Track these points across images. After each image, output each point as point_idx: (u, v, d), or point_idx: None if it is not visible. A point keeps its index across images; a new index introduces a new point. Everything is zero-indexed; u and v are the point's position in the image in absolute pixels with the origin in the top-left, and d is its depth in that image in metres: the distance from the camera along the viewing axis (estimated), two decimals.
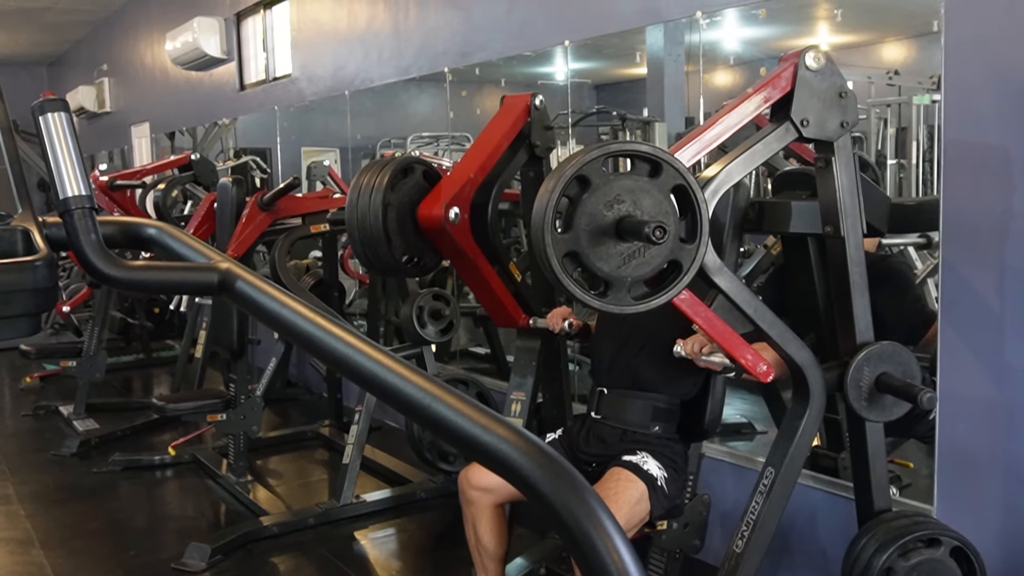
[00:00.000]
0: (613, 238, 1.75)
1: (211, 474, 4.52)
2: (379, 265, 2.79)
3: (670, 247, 1.79)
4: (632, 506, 2.36)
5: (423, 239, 2.78)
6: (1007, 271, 2.41)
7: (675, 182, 1.78)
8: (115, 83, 10.72)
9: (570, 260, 1.75)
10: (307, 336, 0.95)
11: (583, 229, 1.73)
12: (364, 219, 2.68)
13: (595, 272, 1.75)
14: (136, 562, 3.59)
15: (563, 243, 1.73)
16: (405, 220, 2.73)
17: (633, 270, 1.77)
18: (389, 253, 2.71)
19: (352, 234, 2.75)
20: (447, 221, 2.63)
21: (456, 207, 2.65)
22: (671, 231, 1.76)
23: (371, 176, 2.72)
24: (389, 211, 2.68)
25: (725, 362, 2.27)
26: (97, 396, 5.96)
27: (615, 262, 1.76)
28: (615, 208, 1.74)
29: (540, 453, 0.72)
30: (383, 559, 3.63)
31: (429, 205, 2.71)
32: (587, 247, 1.74)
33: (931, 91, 4.29)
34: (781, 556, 3.05)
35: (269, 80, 6.94)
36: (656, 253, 1.77)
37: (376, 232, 2.67)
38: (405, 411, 0.83)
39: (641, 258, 1.77)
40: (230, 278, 1.01)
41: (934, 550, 2.12)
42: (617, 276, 1.76)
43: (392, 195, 2.71)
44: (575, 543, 0.68)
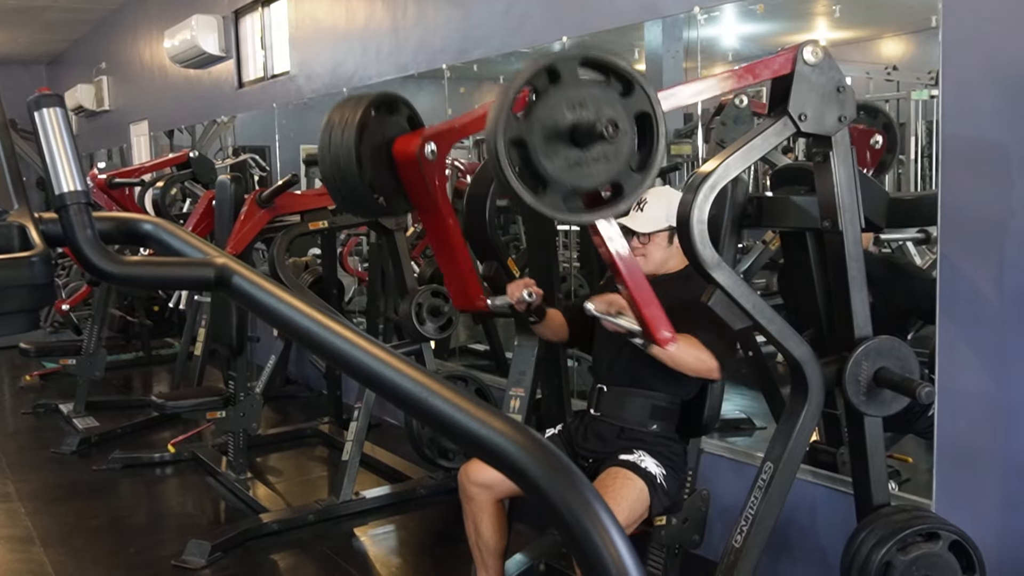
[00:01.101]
0: (566, 141, 1.71)
1: (211, 471, 4.53)
2: (349, 196, 2.60)
3: (618, 169, 1.75)
4: (631, 503, 2.36)
5: (395, 178, 2.65)
6: (1006, 266, 2.41)
7: (643, 108, 1.75)
8: (114, 81, 10.71)
9: (516, 150, 1.70)
10: (304, 331, 0.95)
11: (539, 121, 1.69)
12: (338, 144, 2.52)
13: (537, 168, 1.70)
14: (136, 559, 3.59)
15: (516, 127, 1.68)
16: (380, 152, 2.60)
17: (575, 178, 1.73)
18: (360, 181, 2.54)
19: (323, 158, 2.58)
20: (423, 155, 2.53)
21: (434, 143, 2.57)
22: (624, 139, 1.73)
23: (353, 104, 2.64)
24: (365, 140, 2.54)
25: (634, 327, 2.24)
26: (97, 394, 5.97)
27: (560, 164, 1.71)
28: (576, 111, 1.70)
29: (538, 447, 0.72)
30: (383, 556, 3.63)
31: (407, 139, 2.64)
32: (538, 140, 1.69)
33: (929, 87, 4.29)
34: (780, 551, 3.05)
35: (267, 78, 6.93)
36: (603, 169, 1.74)
37: (348, 158, 2.49)
38: (403, 406, 0.83)
39: (587, 168, 1.73)
40: (227, 273, 1.01)
41: (933, 544, 2.12)
42: (558, 179, 1.71)
43: (372, 122, 2.58)
44: (573, 538, 0.68)
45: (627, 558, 0.67)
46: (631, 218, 2.64)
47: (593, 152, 1.73)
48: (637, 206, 2.65)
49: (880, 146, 3.41)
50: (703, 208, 1.97)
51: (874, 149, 3.42)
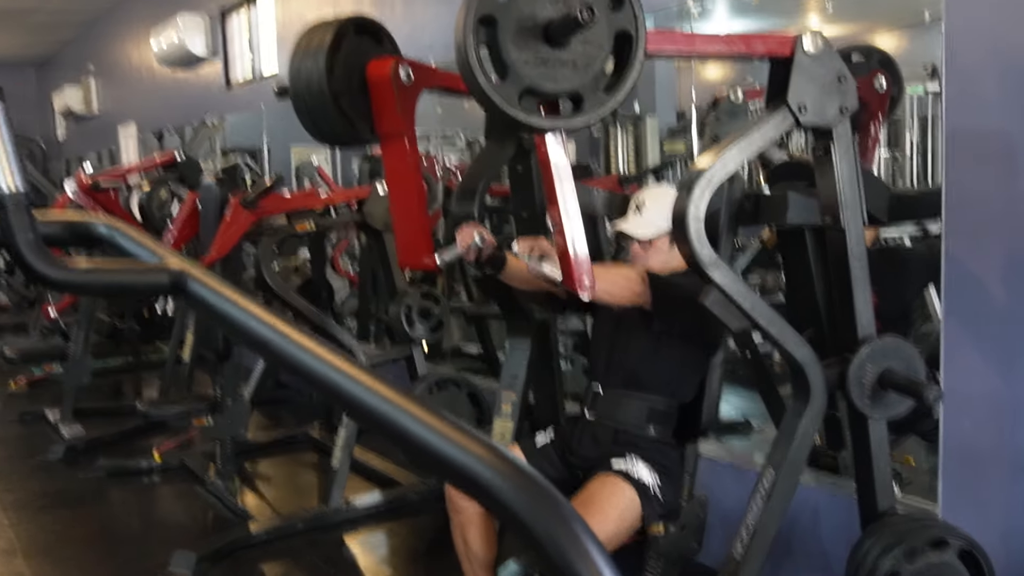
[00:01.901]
0: (539, 37, 1.62)
1: (198, 479, 4.43)
2: (314, 105, 2.49)
3: (583, 80, 1.66)
4: (620, 512, 2.27)
5: (366, 103, 2.55)
6: (1012, 261, 2.33)
7: (625, 27, 1.67)
8: (102, 83, 10.62)
9: (485, 30, 1.60)
10: (263, 341, 0.87)
11: (517, 5, 1.59)
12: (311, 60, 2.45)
13: (502, 53, 1.61)
14: (121, 571, 3.50)
15: (490, 4, 1.58)
16: (354, 72, 2.50)
17: (538, 77, 1.63)
18: (329, 95, 2.44)
19: (294, 68, 2.50)
20: (397, 78, 2.44)
21: (410, 69, 2.48)
22: (597, 50, 1.64)
23: (329, 23, 2.52)
24: (339, 55, 2.45)
25: (555, 275, 2.12)
26: (85, 400, 5.86)
27: (527, 56, 1.62)
28: (557, 6, 1.61)
29: (519, 474, 0.64)
30: (374, 565, 3.55)
31: (382, 61, 2.52)
32: (510, 23, 1.59)
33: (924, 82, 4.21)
34: (782, 557, 2.97)
35: (256, 79, 6.85)
36: (570, 75, 1.65)
37: (319, 71, 2.43)
38: (368, 424, 0.74)
39: (553, 70, 1.64)
40: (182, 279, 0.93)
41: (941, 552, 2.04)
42: (521, 71, 1.62)
43: (350, 41, 2.50)
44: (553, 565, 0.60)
45: None
46: (630, 223, 2.55)
47: (564, 55, 1.63)
48: (636, 210, 2.55)
49: (886, 87, 3.26)
50: (699, 205, 1.89)
51: (881, 93, 3.26)
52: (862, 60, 3.31)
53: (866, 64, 3.29)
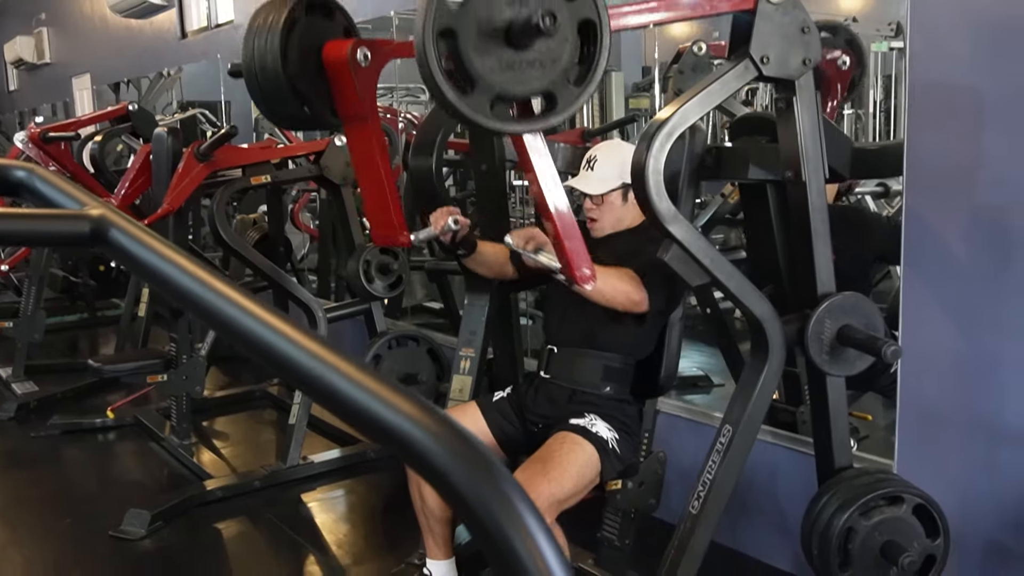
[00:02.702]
0: (501, 41, 1.56)
1: (154, 437, 4.36)
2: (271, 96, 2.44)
3: (552, 77, 1.61)
4: (580, 469, 2.25)
5: (324, 85, 2.48)
6: (974, 217, 2.32)
7: (587, 14, 1.61)
8: (54, 33, 10.28)
9: (446, 42, 1.55)
10: (188, 295, 0.81)
11: (474, 14, 1.54)
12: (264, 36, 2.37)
13: (466, 63, 1.55)
14: (73, 531, 3.43)
15: (447, 16, 1.52)
16: (309, 54, 2.42)
17: (506, 82, 1.58)
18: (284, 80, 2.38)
19: (247, 47, 2.42)
20: (354, 60, 2.36)
21: (367, 49, 2.40)
22: (563, 45, 1.59)
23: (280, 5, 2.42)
24: (293, 37, 2.38)
25: (553, 264, 2.11)
26: (38, 357, 5.75)
27: (491, 63, 1.56)
28: (516, 8, 1.55)
29: (452, 435, 0.59)
30: (331, 522, 3.52)
31: (339, 43, 2.45)
32: (470, 33, 1.54)
33: (889, 39, 4.19)
34: (739, 514, 2.98)
35: (211, 27, 6.66)
36: (537, 75, 1.59)
37: (273, 53, 2.35)
38: (294, 381, 0.69)
39: (520, 73, 1.58)
40: (104, 227, 0.86)
41: (896, 508, 2.05)
42: (487, 80, 1.56)
43: (304, 20, 2.41)
44: (491, 545, 0.56)
45: (557, 572, 0.55)
46: (581, 179, 2.50)
47: (529, 55, 1.58)
48: (587, 165, 2.50)
49: (848, 66, 3.26)
50: (659, 158, 1.85)
51: (842, 71, 3.26)
52: (829, 37, 3.31)
53: (832, 41, 3.29)
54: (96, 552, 3.24)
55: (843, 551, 2.02)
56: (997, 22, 2.24)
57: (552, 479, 2.18)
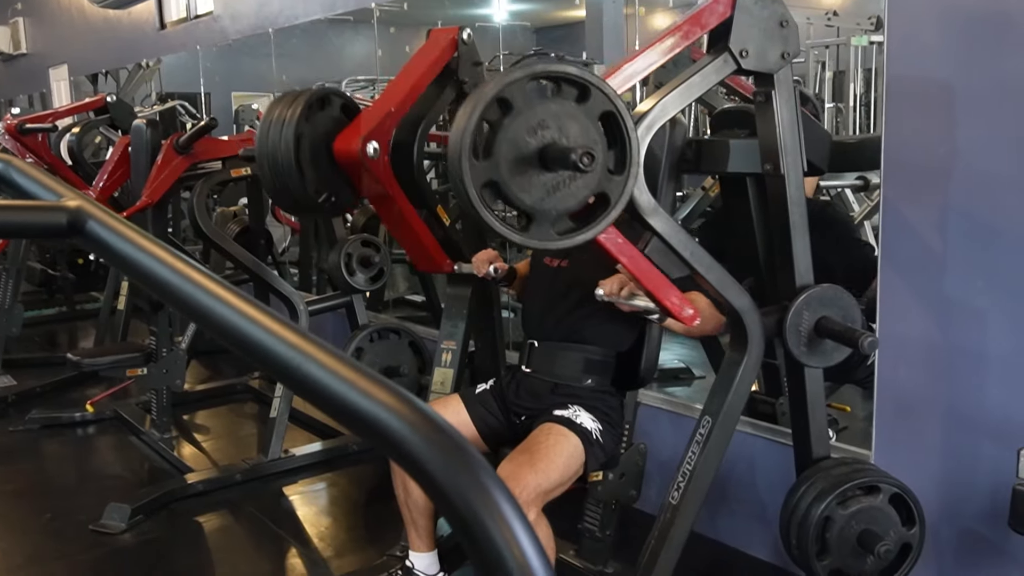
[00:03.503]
0: (537, 168, 1.62)
1: (134, 431, 4.34)
2: (291, 201, 2.61)
3: (597, 178, 1.66)
4: (565, 460, 2.26)
5: (339, 175, 2.61)
6: (950, 210, 2.34)
7: (604, 108, 1.66)
8: (31, 23, 10.17)
9: (490, 191, 1.61)
10: (166, 286, 0.81)
11: (504, 157, 1.59)
12: (275, 151, 2.49)
13: (517, 204, 1.62)
14: (52, 525, 3.41)
15: (482, 171, 1.59)
16: (320, 154, 2.55)
17: (558, 202, 1.64)
18: (302, 187, 2.52)
19: (262, 166, 2.55)
20: (365, 156, 2.46)
21: (375, 141, 2.48)
22: (599, 159, 1.64)
23: (284, 107, 2.54)
24: (303, 143, 2.50)
25: (650, 305, 2.15)
26: (17, 351, 5.70)
27: (538, 193, 1.62)
28: (539, 135, 1.61)
29: (427, 423, 0.59)
30: (312, 515, 3.51)
31: (346, 139, 2.54)
32: (508, 176, 1.60)
33: (869, 33, 4.22)
34: (719, 504, 3.00)
35: (190, 18, 6.61)
36: (583, 184, 1.65)
37: (287, 165, 2.47)
38: (273, 371, 0.70)
39: (566, 189, 1.64)
40: (81, 219, 0.86)
41: (873, 497, 2.07)
42: (540, 209, 1.63)
43: (306, 126, 2.53)
44: (468, 535, 0.56)
45: (534, 562, 0.55)
46: None
47: (565, 171, 1.62)
48: None
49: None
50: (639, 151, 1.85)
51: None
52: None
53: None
54: (76, 546, 3.22)
55: (821, 540, 2.04)
56: (975, 17, 2.26)
57: (538, 470, 2.19)
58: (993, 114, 2.25)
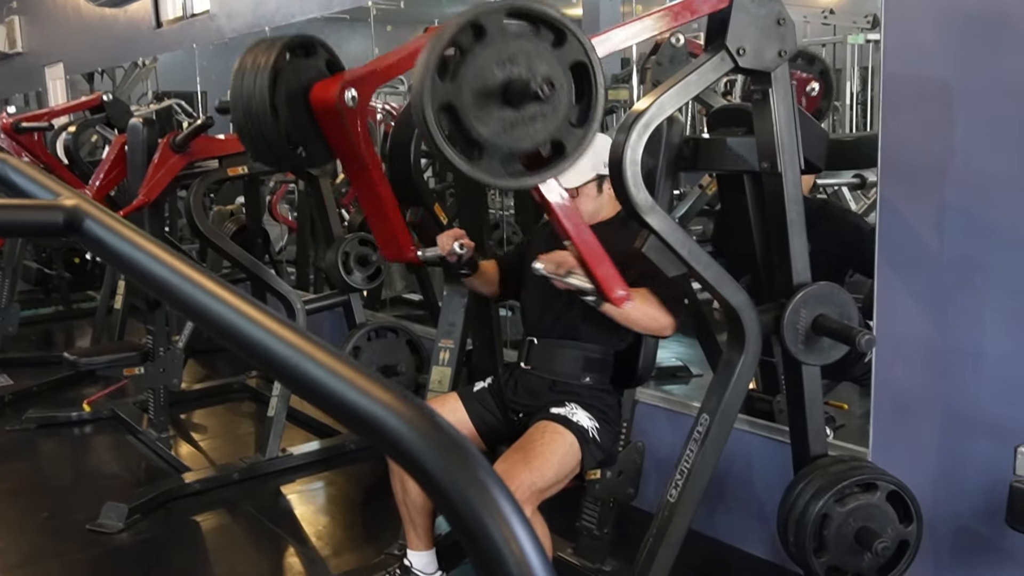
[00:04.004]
0: (498, 102, 1.59)
1: (131, 430, 4.34)
2: (264, 147, 2.49)
3: (557, 125, 1.64)
4: (561, 458, 2.26)
5: (314, 126, 2.51)
6: (947, 208, 2.34)
7: (577, 58, 1.64)
8: (26, 21, 10.15)
9: (447, 116, 1.58)
10: (164, 285, 0.80)
11: (468, 83, 1.57)
12: (250, 91, 2.39)
13: (471, 134, 1.59)
14: (49, 524, 3.41)
15: (443, 92, 1.56)
16: (297, 99, 2.44)
17: (512, 140, 1.62)
18: (275, 130, 2.41)
19: (235, 106, 2.45)
20: (342, 103, 2.38)
21: (355, 89, 2.41)
22: (561, 94, 1.62)
23: (266, 47, 2.45)
24: (279, 86, 2.40)
25: (585, 285, 2.14)
26: (13, 350, 5.70)
27: (495, 127, 1.60)
28: (507, 68, 1.58)
29: (425, 420, 0.59)
30: (310, 514, 3.51)
31: (325, 87, 2.46)
32: (468, 103, 1.57)
33: (865, 31, 4.22)
34: (716, 502, 3.01)
35: (187, 16, 6.60)
36: (541, 127, 1.63)
37: (261, 106, 2.39)
38: (270, 369, 0.69)
39: (524, 129, 1.62)
40: (78, 217, 0.86)
41: (870, 495, 2.07)
42: (494, 143, 1.60)
43: (287, 67, 2.43)
44: (467, 532, 0.56)
45: (533, 558, 0.55)
46: None
47: (529, 111, 1.61)
48: None
49: (816, 93, 3.35)
50: (636, 149, 1.86)
51: (810, 96, 3.36)
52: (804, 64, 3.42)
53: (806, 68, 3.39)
54: (73, 546, 3.22)
55: (818, 537, 2.04)
56: (971, 15, 2.27)
57: (533, 468, 2.19)
58: (990, 112, 2.25)
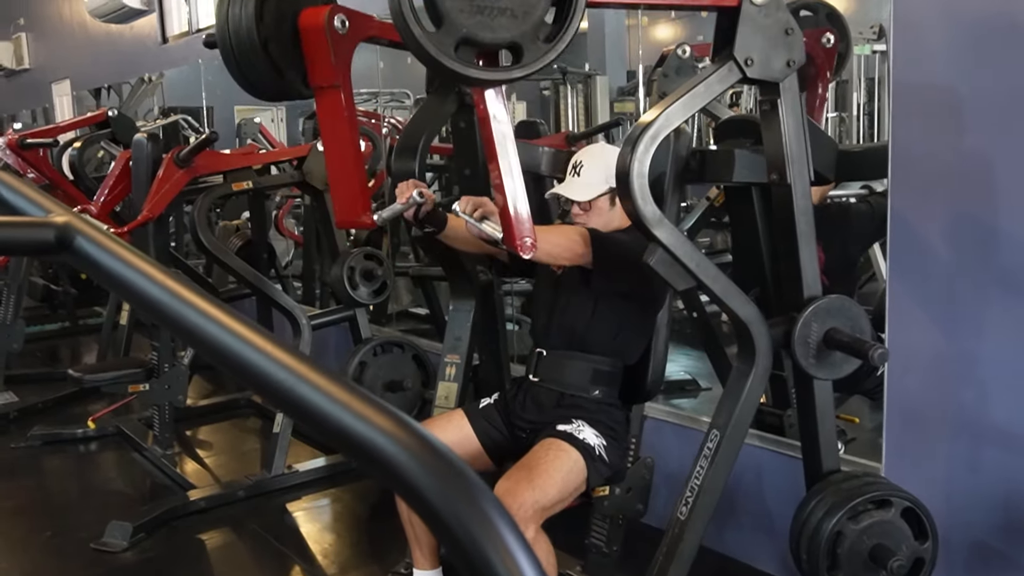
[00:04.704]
0: None
1: (136, 447, 4.31)
2: (242, 54, 2.36)
3: (522, 30, 1.60)
4: (565, 475, 2.22)
5: (298, 53, 2.41)
6: (958, 218, 2.31)
7: None
8: (33, 38, 10.19)
9: None
10: (156, 305, 0.78)
11: None
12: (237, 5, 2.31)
13: (436, 2, 1.55)
14: (53, 543, 3.38)
15: None
16: (285, 21, 2.36)
17: (475, 25, 1.57)
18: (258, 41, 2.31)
19: (220, 13, 2.36)
20: (331, 25, 2.31)
21: (345, 16, 2.36)
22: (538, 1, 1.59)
23: None
24: (267, 5, 2.32)
25: (496, 234, 2.08)
26: (18, 367, 5.68)
27: (461, 4, 1.56)
28: None
29: (426, 448, 0.57)
30: (316, 532, 3.48)
31: (315, 9, 2.39)
32: None
33: (872, 41, 4.19)
34: (727, 517, 2.97)
35: (192, 32, 6.61)
36: (505, 24, 1.59)
37: (248, 16, 2.30)
38: (264, 393, 0.67)
39: (488, 18, 1.58)
40: (69, 235, 0.83)
41: (885, 511, 2.04)
42: (454, 20, 1.56)
43: None
44: (468, 565, 0.53)
45: None
46: (567, 185, 2.47)
47: (501, 3, 1.57)
48: (573, 170, 2.48)
49: (833, 43, 3.23)
50: (643, 161, 1.84)
51: (827, 48, 3.24)
52: (810, 15, 3.27)
53: (814, 19, 3.25)
54: (77, 564, 3.19)
55: (832, 555, 2.01)
56: (979, 23, 2.24)
57: (536, 486, 2.15)
58: (1001, 121, 2.22)
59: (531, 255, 1.96)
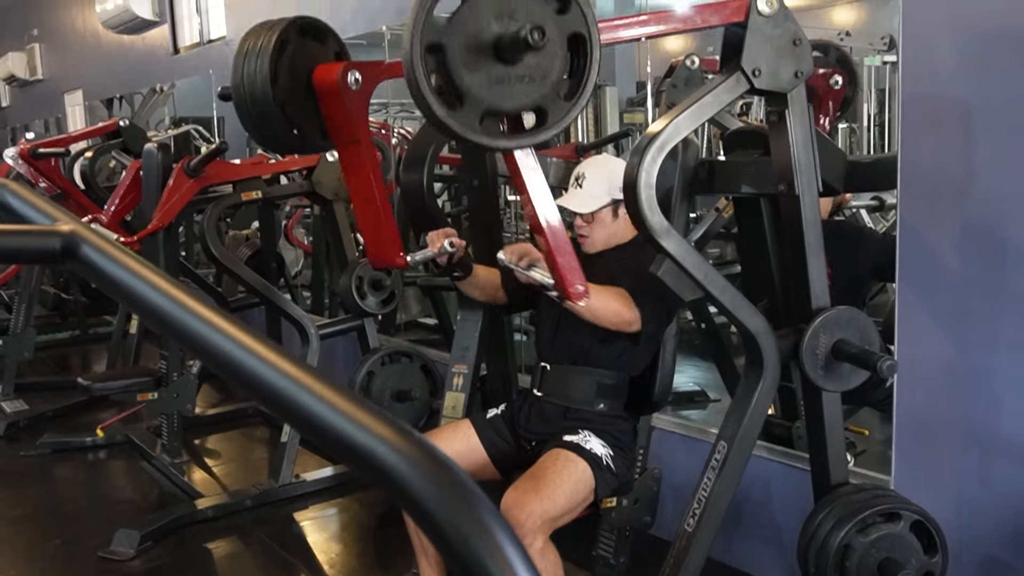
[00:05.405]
0: (489, 55, 1.55)
1: (145, 455, 4.32)
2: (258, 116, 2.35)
3: (543, 92, 1.60)
4: (573, 486, 2.22)
5: (314, 110, 2.40)
6: (967, 229, 2.30)
7: (577, 29, 1.60)
8: (46, 49, 10.28)
9: (434, 58, 1.54)
10: (160, 314, 0.78)
11: (463, 27, 1.53)
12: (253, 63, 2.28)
13: (455, 78, 1.55)
14: (61, 551, 3.39)
15: (435, 29, 1.52)
16: (299, 79, 2.35)
17: (495, 97, 1.57)
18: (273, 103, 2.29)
19: (236, 73, 2.32)
20: (345, 84, 2.30)
21: (358, 72, 2.40)
22: (555, 60, 1.59)
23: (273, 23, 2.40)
24: (283, 60, 2.31)
25: (547, 280, 2.11)
26: (29, 375, 5.70)
27: (480, 79, 1.55)
28: (504, 22, 1.54)
29: (425, 456, 0.56)
30: (323, 541, 3.47)
31: (329, 67, 2.44)
32: (458, 48, 1.53)
33: (882, 53, 4.19)
34: (734, 529, 2.95)
35: (203, 43, 6.65)
36: (526, 90, 1.58)
37: (263, 77, 2.27)
38: (266, 402, 0.67)
39: (509, 88, 1.57)
40: (74, 243, 0.84)
41: (894, 525, 2.02)
42: (475, 95, 1.56)
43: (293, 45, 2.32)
44: (464, 570, 0.53)
45: None
46: (570, 197, 2.48)
47: (518, 70, 1.57)
48: (576, 182, 2.48)
49: (841, 85, 3.25)
50: (651, 171, 1.83)
51: (835, 90, 3.25)
52: (820, 56, 3.30)
53: (823, 60, 3.28)
54: (85, 573, 3.20)
55: (840, 569, 1.99)
56: (988, 35, 2.23)
57: (544, 497, 2.14)
58: (1011, 132, 2.21)
59: (584, 302, 1.96)
